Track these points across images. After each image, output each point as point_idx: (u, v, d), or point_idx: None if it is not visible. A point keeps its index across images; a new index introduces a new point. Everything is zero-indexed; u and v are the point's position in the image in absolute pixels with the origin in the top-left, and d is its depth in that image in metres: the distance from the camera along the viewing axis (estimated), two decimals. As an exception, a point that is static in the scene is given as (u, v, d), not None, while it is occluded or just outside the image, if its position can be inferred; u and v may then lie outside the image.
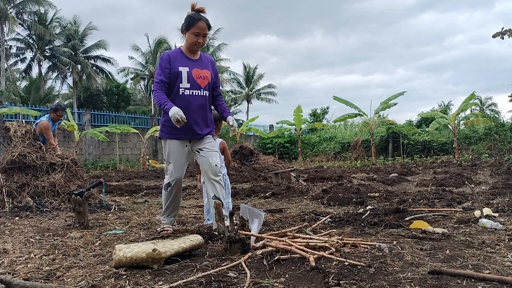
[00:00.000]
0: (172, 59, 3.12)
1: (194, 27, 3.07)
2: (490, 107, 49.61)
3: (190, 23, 3.08)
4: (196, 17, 3.08)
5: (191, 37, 3.10)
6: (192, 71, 3.14)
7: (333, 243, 2.53)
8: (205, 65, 3.24)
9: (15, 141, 5.22)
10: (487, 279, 1.90)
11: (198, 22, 3.07)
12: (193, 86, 3.13)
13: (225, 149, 3.81)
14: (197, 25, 3.07)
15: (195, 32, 3.08)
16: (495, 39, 4.94)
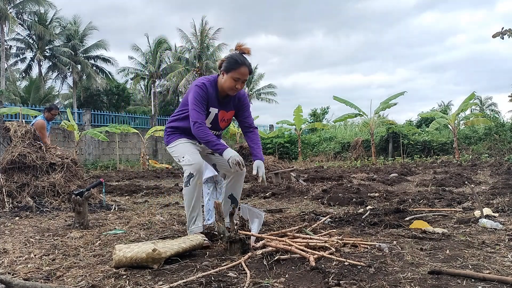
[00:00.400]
0: (209, 95, 2.90)
1: (235, 72, 2.81)
2: (490, 107, 49.62)
3: (231, 66, 2.82)
4: (240, 61, 2.83)
5: (230, 81, 2.83)
6: (219, 113, 2.97)
7: (333, 243, 2.53)
8: (231, 106, 3.04)
9: (15, 141, 5.22)
10: (487, 279, 1.90)
11: (241, 67, 2.81)
12: (214, 127, 2.98)
13: None
14: (239, 70, 2.81)
15: (235, 77, 2.82)
16: (496, 39, 4.94)
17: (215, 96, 2.94)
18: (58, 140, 15.82)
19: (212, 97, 2.92)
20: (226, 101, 3.00)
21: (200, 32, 33.31)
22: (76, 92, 32.43)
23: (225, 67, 2.84)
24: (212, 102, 2.92)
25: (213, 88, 2.91)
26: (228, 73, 2.82)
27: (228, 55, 2.91)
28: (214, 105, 2.94)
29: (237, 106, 3.08)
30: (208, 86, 2.89)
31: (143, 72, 35.90)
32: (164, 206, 4.92)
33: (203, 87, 2.86)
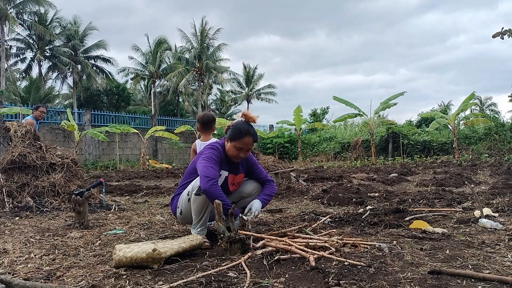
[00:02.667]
0: (221, 158, 2.89)
1: (239, 141, 2.82)
2: (490, 107, 49.64)
3: (235, 136, 2.82)
4: (244, 130, 2.82)
5: (233, 150, 2.84)
6: (229, 177, 2.94)
7: (333, 243, 2.53)
8: (240, 169, 3.03)
9: (15, 141, 5.22)
10: (487, 279, 1.90)
11: (244, 137, 2.81)
12: (224, 190, 2.83)
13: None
14: (242, 140, 2.81)
15: (238, 147, 2.83)
16: (498, 39, 4.93)
17: (225, 159, 2.92)
18: (58, 140, 15.82)
19: (223, 160, 2.90)
20: (235, 164, 2.99)
21: (200, 32, 33.32)
22: (76, 92, 32.44)
23: (230, 136, 2.85)
24: (223, 165, 2.90)
25: (224, 151, 2.91)
26: (232, 142, 2.83)
27: (234, 122, 2.90)
28: (224, 168, 2.91)
29: (246, 168, 3.08)
30: (221, 149, 2.89)
31: (143, 72, 35.92)
32: (164, 206, 4.92)
33: (216, 149, 2.86)
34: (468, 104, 15.58)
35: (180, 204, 2.95)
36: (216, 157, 2.81)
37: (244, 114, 2.92)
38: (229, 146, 2.86)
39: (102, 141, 16.57)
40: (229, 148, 2.86)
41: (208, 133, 3.86)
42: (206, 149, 2.89)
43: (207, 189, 2.63)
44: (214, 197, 2.59)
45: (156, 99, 35.32)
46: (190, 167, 3.02)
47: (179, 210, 2.97)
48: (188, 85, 33.86)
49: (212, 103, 45.47)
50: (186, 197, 2.87)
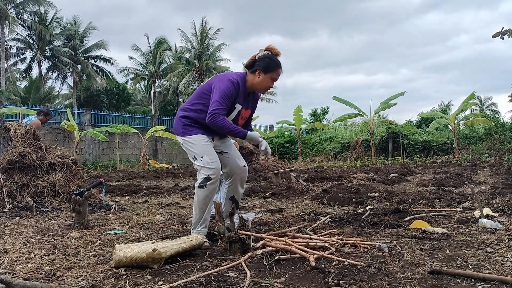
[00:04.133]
0: (239, 93, 2.90)
1: (274, 73, 2.89)
2: (490, 107, 49.63)
3: (271, 67, 2.87)
4: (278, 62, 2.91)
5: (267, 82, 2.90)
6: (241, 110, 2.98)
7: (333, 243, 2.53)
8: (250, 104, 3.08)
9: (15, 141, 5.22)
10: (487, 279, 1.90)
11: (279, 69, 2.91)
12: (234, 122, 2.95)
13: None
14: (277, 71, 2.91)
15: (274, 78, 2.91)
16: (499, 39, 4.93)
17: (244, 89, 2.95)
18: (58, 140, 15.82)
19: (242, 91, 2.93)
20: (249, 99, 3.04)
21: (200, 32, 33.31)
22: (76, 92, 32.44)
23: (264, 68, 2.86)
24: (240, 98, 2.93)
25: (242, 83, 2.93)
26: (267, 74, 2.87)
27: (263, 55, 2.91)
28: (240, 101, 2.94)
29: (251, 105, 3.12)
30: (240, 83, 2.90)
31: (143, 72, 35.91)
32: (164, 206, 4.92)
33: (235, 85, 2.86)
34: (468, 104, 15.59)
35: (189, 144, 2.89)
36: (230, 94, 2.83)
37: (270, 48, 2.93)
38: (263, 79, 2.88)
39: (102, 141, 16.56)
40: (262, 80, 2.89)
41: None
42: (225, 80, 2.84)
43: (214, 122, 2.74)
44: (221, 127, 2.74)
45: (156, 99, 35.32)
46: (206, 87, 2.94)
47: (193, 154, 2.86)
48: (188, 85, 33.83)
49: (212, 103, 45.39)
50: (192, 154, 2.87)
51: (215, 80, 2.90)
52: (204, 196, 2.78)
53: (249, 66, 2.93)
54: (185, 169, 13.23)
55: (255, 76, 2.90)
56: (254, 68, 2.89)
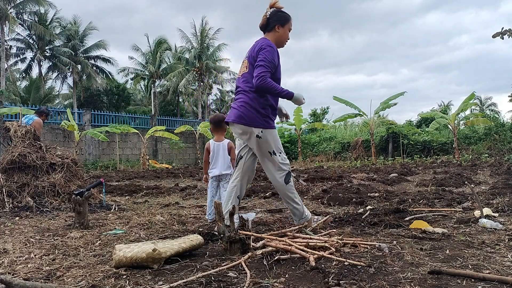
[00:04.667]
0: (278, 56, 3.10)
1: (290, 24, 3.15)
2: (490, 107, 49.62)
3: (287, 19, 3.12)
4: (287, 13, 3.14)
5: (287, 33, 3.15)
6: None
7: (333, 243, 2.53)
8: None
9: (15, 141, 5.22)
10: (487, 279, 1.90)
11: (291, 19, 3.16)
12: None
13: (232, 149, 3.88)
14: (290, 22, 3.16)
15: (290, 28, 3.16)
16: (500, 39, 4.93)
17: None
18: (58, 140, 15.82)
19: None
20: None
21: (200, 32, 33.31)
22: (76, 92, 32.44)
23: (281, 21, 3.09)
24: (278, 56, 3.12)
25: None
26: (285, 26, 3.11)
27: (274, 11, 3.11)
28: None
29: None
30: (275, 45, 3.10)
31: (143, 72, 35.91)
32: (164, 206, 4.92)
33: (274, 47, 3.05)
34: (468, 104, 15.57)
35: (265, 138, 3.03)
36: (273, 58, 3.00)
37: (275, 5, 3.13)
38: (283, 31, 3.12)
39: (102, 141, 16.55)
40: (284, 33, 3.13)
41: (220, 133, 3.94)
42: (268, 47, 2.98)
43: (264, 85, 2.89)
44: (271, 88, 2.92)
45: (156, 99, 35.31)
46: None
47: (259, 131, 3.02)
48: (188, 85, 33.84)
49: (212, 103, 45.45)
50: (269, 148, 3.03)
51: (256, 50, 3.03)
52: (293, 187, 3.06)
53: (264, 26, 3.13)
54: (185, 169, 13.22)
55: (274, 32, 3.10)
56: (270, 26, 3.10)
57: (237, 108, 3.09)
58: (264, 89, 2.93)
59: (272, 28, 3.10)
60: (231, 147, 3.87)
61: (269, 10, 3.13)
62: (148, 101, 40.18)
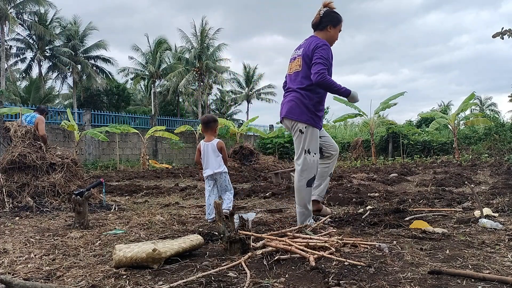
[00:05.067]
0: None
1: (340, 25, 3.25)
2: (490, 107, 49.63)
3: (339, 20, 3.22)
4: (341, 16, 3.24)
5: (337, 34, 3.24)
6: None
7: (333, 243, 2.53)
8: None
9: (15, 141, 5.22)
10: (487, 279, 1.90)
11: (342, 21, 3.26)
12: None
13: (222, 148, 3.91)
14: (342, 23, 3.26)
15: (340, 29, 3.27)
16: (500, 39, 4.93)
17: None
18: (58, 140, 15.82)
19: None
20: None
21: (200, 32, 33.31)
22: (76, 92, 32.44)
23: (334, 22, 3.20)
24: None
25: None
26: (336, 27, 3.22)
27: (328, 11, 3.21)
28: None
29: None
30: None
31: (143, 72, 35.91)
32: (164, 206, 4.92)
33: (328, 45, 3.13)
34: (468, 104, 15.57)
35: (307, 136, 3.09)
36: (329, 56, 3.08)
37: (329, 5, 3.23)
38: (333, 32, 3.23)
39: (102, 141, 16.55)
40: (335, 33, 3.24)
41: (210, 133, 3.97)
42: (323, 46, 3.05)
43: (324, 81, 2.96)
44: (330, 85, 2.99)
45: (156, 99, 35.31)
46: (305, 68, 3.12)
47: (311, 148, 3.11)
48: (188, 85, 33.84)
49: (212, 103, 45.46)
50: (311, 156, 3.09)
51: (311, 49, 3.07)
52: (310, 192, 3.10)
53: (316, 24, 3.22)
54: (185, 169, 13.22)
55: (326, 32, 3.18)
56: (322, 25, 3.19)
57: (287, 104, 3.19)
58: (324, 85, 3.00)
59: (324, 27, 3.19)
60: (221, 147, 3.90)
61: (323, 9, 3.21)
62: (148, 101, 40.18)
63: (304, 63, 3.11)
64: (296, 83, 3.16)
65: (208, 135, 3.97)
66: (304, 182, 3.09)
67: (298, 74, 3.16)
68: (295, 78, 3.18)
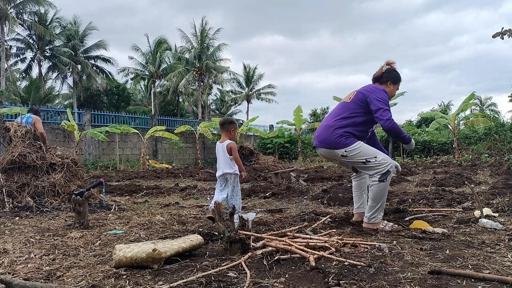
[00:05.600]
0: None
1: (399, 84, 3.49)
2: (490, 107, 49.64)
3: (398, 80, 3.47)
4: (400, 75, 3.49)
5: (395, 91, 3.46)
6: None
7: (333, 243, 2.53)
8: None
9: (15, 141, 5.22)
10: (487, 279, 1.90)
11: (401, 81, 3.51)
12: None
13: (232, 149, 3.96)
14: (400, 82, 3.51)
15: (398, 88, 3.50)
16: (500, 39, 4.92)
17: None
18: (58, 140, 15.82)
19: None
20: None
21: (200, 32, 33.31)
22: (76, 92, 32.44)
23: (394, 80, 3.43)
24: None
25: None
26: (396, 85, 3.45)
27: (388, 68, 3.45)
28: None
29: None
30: None
31: (143, 72, 35.91)
32: (164, 206, 4.92)
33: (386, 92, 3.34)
34: (468, 104, 15.56)
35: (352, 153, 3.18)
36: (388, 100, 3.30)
37: (391, 63, 3.49)
38: (393, 88, 3.44)
39: (102, 141, 16.54)
40: (393, 90, 3.44)
41: (224, 134, 4.06)
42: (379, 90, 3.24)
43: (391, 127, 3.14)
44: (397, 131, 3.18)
45: (156, 99, 35.31)
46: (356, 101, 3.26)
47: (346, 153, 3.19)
48: (188, 85, 33.84)
49: (212, 103, 45.48)
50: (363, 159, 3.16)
51: (368, 92, 3.25)
52: (384, 187, 3.12)
53: (377, 78, 3.44)
54: (185, 169, 13.22)
55: (385, 86, 3.38)
56: (383, 80, 3.41)
57: (320, 132, 3.37)
58: (394, 132, 3.18)
59: (384, 82, 3.40)
60: (231, 148, 3.91)
61: (385, 66, 3.46)
62: (148, 101, 40.19)
63: (357, 100, 3.28)
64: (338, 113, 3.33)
65: (222, 136, 4.04)
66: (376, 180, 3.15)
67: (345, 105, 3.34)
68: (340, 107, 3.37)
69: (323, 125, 3.36)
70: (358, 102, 3.24)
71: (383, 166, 3.11)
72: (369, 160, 3.14)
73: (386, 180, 3.12)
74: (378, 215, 3.16)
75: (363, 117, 3.21)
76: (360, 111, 3.21)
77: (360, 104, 3.22)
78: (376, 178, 3.13)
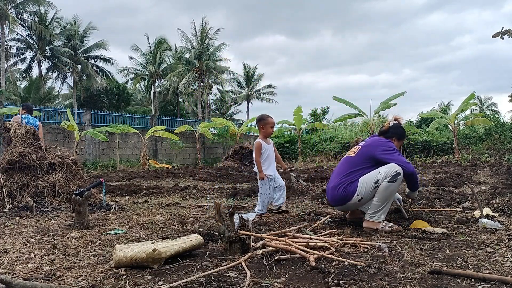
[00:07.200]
0: None
1: (404, 140, 3.66)
2: (490, 107, 49.65)
3: (403, 136, 3.61)
4: (405, 132, 3.64)
5: (398, 146, 3.54)
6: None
7: (333, 243, 2.53)
8: None
9: (15, 141, 5.22)
10: (487, 279, 1.90)
11: (406, 137, 3.70)
12: None
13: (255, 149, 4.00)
14: (405, 138, 3.71)
15: (402, 144, 3.60)
16: (501, 39, 4.92)
17: None
18: (58, 140, 15.82)
19: None
20: None
21: (200, 32, 33.32)
22: (76, 92, 32.45)
23: (399, 136, 3.56)
24: None
25: None
26: (400, 141, 3.57)
27: (395, 124, 3.59)
28: None
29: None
30: None
31: (143, 72, 35.92)
32: (164, 206, 4.92)
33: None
34: (468, 104, 15.55)
35: (362, 190, 3.21)
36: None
37: (398, 118, 3.65)
38: (397, 144, 3.53)
39: (102, 141, 16.55)
40: (397, 145, 3.52)
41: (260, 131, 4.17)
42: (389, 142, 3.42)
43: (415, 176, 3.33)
44: (416, 179, 3.39)
45: (156, 99, 35.32)
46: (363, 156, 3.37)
47: (359, 196, 3.23)
48: (188, 85, 33.85)
49: (212, 103, 45.49)
50: (373, 184, 3.18)
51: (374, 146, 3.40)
52: (393, 188, 3.16)
53: (383, 132, 3.59)
54: (185, 169, 13.22)
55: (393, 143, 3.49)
56: (389, 135, 3.54)
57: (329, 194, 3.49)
58: (412, 176, 3.31)
59: (389, 136, 3.52)
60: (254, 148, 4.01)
61: (393, 121, 3.60)
62: (148, 101, 40.20)
63: (361, 153, 3.38)
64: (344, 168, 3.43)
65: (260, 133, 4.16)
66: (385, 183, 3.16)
67: (349, 160, 3.43)
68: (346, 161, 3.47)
69: (330, 187, 3.46)
70: (363, 156, 3.34)
71: (391, 171, 3.16)
72: (377, 179, 3.17)
73: (396, 181, 3.14)
74: (381, 216, 3.17)
75: (369, 169, 3.26)
76: (367, 164, 3.29)
77: (366, 158, 3.32)
78: (386, 180, 3.16)
